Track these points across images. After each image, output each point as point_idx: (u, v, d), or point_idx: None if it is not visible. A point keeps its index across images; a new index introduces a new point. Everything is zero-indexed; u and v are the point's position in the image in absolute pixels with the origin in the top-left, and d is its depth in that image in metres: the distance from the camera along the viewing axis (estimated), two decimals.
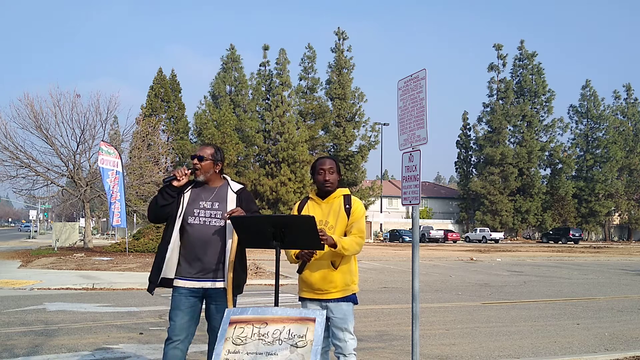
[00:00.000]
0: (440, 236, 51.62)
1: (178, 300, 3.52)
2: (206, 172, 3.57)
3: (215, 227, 3.48)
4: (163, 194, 3.54)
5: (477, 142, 62.29)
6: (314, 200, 3.67)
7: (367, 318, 8.30)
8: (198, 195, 3.57)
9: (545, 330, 7.64)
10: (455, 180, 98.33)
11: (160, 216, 3.59)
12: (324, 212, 3.59)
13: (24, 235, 55.31)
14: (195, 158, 3.56)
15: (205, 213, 3.51)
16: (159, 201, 3.55)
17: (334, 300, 3.52)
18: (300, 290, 3.66)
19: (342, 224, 3.53)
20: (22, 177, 24.39)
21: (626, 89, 65.92)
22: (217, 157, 3.60)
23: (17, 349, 5.91)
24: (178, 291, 3.52)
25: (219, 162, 3.61)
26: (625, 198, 63.85)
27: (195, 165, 3.55)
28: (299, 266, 3.60)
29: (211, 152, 3.59)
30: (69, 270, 15.49)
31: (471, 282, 14.68)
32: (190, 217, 3.51)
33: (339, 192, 3.65)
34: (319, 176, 3.59)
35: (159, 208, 3.55)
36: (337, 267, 3.50)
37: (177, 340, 3.48)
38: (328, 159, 3.68)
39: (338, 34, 55.78)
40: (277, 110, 51.49)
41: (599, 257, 28.93)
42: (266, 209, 49.53)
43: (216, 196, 3.56)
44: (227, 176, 3.71)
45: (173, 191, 3.53)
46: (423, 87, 4.56)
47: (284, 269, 9.45)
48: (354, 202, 3.59)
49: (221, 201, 3.54)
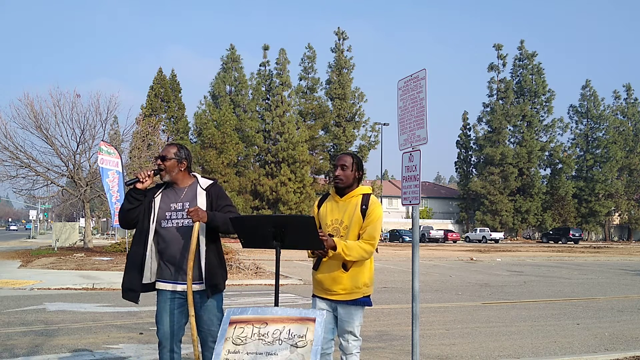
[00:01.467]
0: (440, 236, 51.60)
1: (164, 303, 3.47)
2: (171, 172, 3.49)
3: (189, 227, 3.39)
4: (129, 198, 3.46)
5: (477, 142, 62.30)
6: (333, 198, 3.58)
7: (367, 318, 8.25)
8: (169, 198, 3.49)
9: (545, 330, 7.64)
10: (455, 180, 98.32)
11: (128, 220, 3.51)
12: (341, 210, 3.50)
13: (23, 235, 55.29)
14: (158, 159, 3.50)
15: (177, 215, 3.44)
16: (124, 206, 3.48)
17: (343, 302, 3.48)
18: (314, 287, 3.64)
19: (357, 224, 3.43)
20: (22, 177, 24.39)
21: (626, 89, 65.92)
22: (181, 155, 3.51)
23: (17, 349, 5.91)
24: (163, 294, 3.48)
25: (183, 160, 3.52)
26: (625, 198, 63.85)
27: (160, 166, 3.49)
28: (315, 262, 3.54)
29: (174, 150, 3.51)
30: (69, 270, 15.49)
31: (471, 282, 14.68)
32: (163, 220, 3.45)
33: (359, 190, 3.53)
34: (333, 171, 3.55)
35: (126, 212, 3.48)
36: (348, 269, 3.42)
37: (166, 344, 3.45)
38: (346, 154, 3.57)
39: (338, 34, 55.80)
40: (277, 110, 51.50)
41: (599, 257, 28.93)
42: (266, 209, 49.56)
43: (186, 196, 3.48)
44: (196, 174, 3.62)
45: (138, 194, 3.46)
46: (423, 87, 4.56)
47: (284, 269, 9.47)
48: (371, 204, 3.45)
49: (191, 200, 3.46)
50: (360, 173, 3.54)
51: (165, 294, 3.48)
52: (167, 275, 3.46)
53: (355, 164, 3.51)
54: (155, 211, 3.46)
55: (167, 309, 3.46)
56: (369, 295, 3.55)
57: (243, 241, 3.27)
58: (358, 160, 3.56)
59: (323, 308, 3.53)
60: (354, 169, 3.50)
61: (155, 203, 3.48)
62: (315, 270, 3.57)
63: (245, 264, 16.54)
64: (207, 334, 3.46)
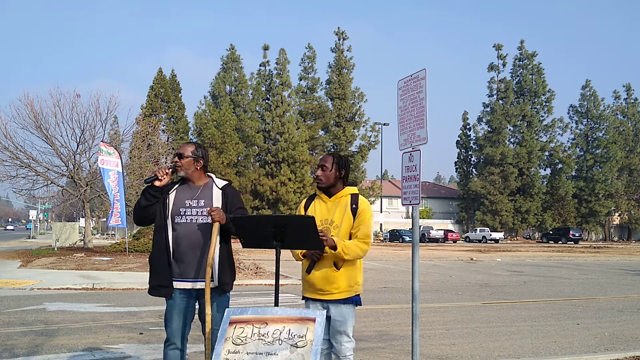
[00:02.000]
0: (440, 236, 51.59)
1: (173, 302, 3.48)
2: (187, 169, 3.54)
3: (202, 224, 3.44)
4: (146, 195, 3.48)
5: (477, 142, 62.31)
6: (320, 198, 3.62)
7: (367, 318, 8.30)
8: (183, 195, 3.53)
9: (545, 330, 7.64)
10: (455, 180, 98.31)
11: (144, 217, 3.55)
12: (330, 210, 3.53)
13: (22, 235, 55.28)
14: (176, 156, 3.56)
15: (192, 211, 3.47)
16: (141, 202, 3.50)
17: (335, 301, 3.48)
18: (304, 289, 3.63)
19: (348, 223, 3.46)
20: (22, 177, 24.38)
21: (626, 89, 65.93)
22: (198, 154, 3.57)
23: (17, 349, 5.91)
24: (173, 292, 3.48)
25: (200, 159, 3.57)
26: (625, 198, 63.85)
27: (176, 163, 3.54)
28: (308, 266, 3.53)
29: (192, 149, 3.57)
30: (69, 270, 15.49)
31: (471, 282, 14.68)
32: (177, 216, 3.48)
33: (347, 190, 3.57)
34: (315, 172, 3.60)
35: (142, 209, 3.50)
36: (339, 267, 3.44)
37: (175, 342, 3.47)
38: (328, 155, 3.61)
39: (338, 34, 55.80)
40: (277, 110, 51.51)
41: (599, 257, 28.93)
42: (266, 209, 49.56)
43: (201, 194, 3.52)
44: (212, 174, 3.68)
45: (155, 191, 3.48)
46: (423, 87, 4.56)
47: (284, 269, 9.45)
48: (361, 203, 3.50)
49: (207, 198, 3.50)
50: (342, 172, 3.55)
51: (175, 292, 3.47)
52: (177, 273, 3.46)
53: (335, 164, 3.53)
54: (169, 208, 3.50)
55: (176, 307, 3.47)
56: (359, 294, 3.57)
57: (243, 241, 3.27)
58: (340, 159, 3.56)
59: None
60: (335, 168, 3.52)
61: (170, 200, 3.52)
62: (310, 273, 3.53)
63: (245, 264, 16.54)
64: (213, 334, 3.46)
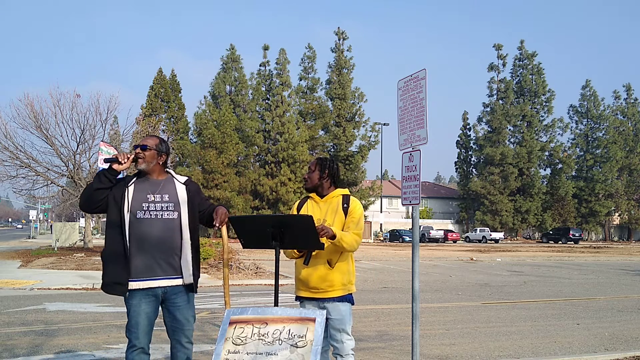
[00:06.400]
0: (440, 236, 51.59)
1: (136, 304, 3.28)
2: (149, 162, 3.39)
3: (167, 220, 3.31)
4: (101, 177, 3.28)
5: (477, 142, 62.28)
6: (313, 200, 3.71)
7: (367, 318, 8.30)
8: (144, 189, 3.36)
9: (545, 330, 7.64)
10: (455, 180, 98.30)
11: (92, 201, 3.30)
12: (322, 210, 3.62)
13: (24, 235, 55.29)
14: (138, 147, 3.41)
15: (155, 206, 3.32)
16: (94, 184, 3.27)
17: (332, 300, 3.50)
18: (297, 289, 3.64)
19: (340, 222, 3.55)
20: (22, 177, 24.35)
21: (626, 89, 65.90)
22: (162, 148, 3.45)
23: (18, 349, 5.91)
24: (134, 295, 3.27)
25: (163, 153, 3.45)
26: (625, 198, 63.82)
27: (138, 155, 3.37)
28: (305, 257, 3.54)
29: (155, 142, 3.44)
30: (69, 270, 15.50)
31: (471, 282, 14.68)
32: (140, 211, 3.28)
33: (338, 192, 3.68)
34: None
35: (94, 191, 3.27)
36: (333, 265, 3.49)
37: (140, 346, 3.31)
38: (316, 159, 3.73)
39: (338, 34, 55.77)
40: (277, 110, 51.50)
41: (599, 257, 28.93)
42: (266, 209, 49.57)
43: (164, 188, 3.39)
44: (170, 170, 3.57)
45: (112, 175, 3.29)
46: (423, 87, 4.56)
47: (284, 269, 9.45)
48: (352, 202, 3.63)
49: (171, 193, 3.38)
50: (326, 173, 3.65)
51: (136, 294, 3.28)
52: (139, 273, 3.26)
53: (319, 166, 3.65)
54: (129, 201, 3.29)
55: (142, 308, 3.28)
56: (352, 293, 3.62)
57: (243, 241, 3.28)
58: (324, 162, 3.67)
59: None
60: (318, 169, 3.65)
61: (128, 193, 3.32)
62: (300, 269, 3.57)
63: (245, 264, 16.54)
64: (181, 334, 3.39)
